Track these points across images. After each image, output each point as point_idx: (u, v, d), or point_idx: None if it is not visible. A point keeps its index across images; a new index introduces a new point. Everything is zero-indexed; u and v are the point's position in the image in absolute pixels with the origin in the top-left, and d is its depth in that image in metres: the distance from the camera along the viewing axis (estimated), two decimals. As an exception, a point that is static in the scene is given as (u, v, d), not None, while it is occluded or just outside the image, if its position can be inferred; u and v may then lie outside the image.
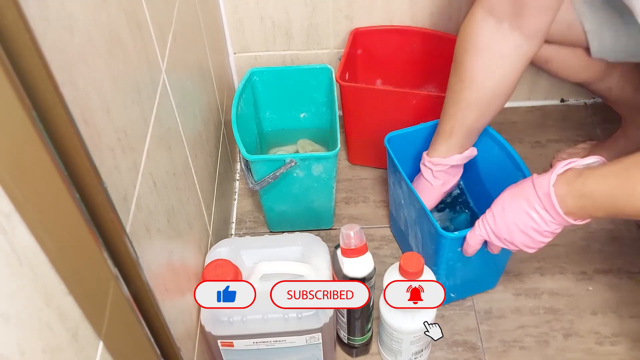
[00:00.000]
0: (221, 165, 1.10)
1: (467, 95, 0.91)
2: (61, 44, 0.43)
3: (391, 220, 1.15)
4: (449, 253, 0.91)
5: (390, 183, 1.06)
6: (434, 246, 0.92)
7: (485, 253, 0.92)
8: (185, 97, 0.83)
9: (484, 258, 0.94)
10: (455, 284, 1.00)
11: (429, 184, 1.00)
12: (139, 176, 0.59)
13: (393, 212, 1.11)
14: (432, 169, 0.99)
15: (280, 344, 0.85)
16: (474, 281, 1.02)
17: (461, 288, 1.02)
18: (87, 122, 0.47)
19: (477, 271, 0.99)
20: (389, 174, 1.06)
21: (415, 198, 0.93)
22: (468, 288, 1.04)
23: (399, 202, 1.04)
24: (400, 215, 1.06)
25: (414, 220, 0.98)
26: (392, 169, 1.01)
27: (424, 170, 1.01)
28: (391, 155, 0.99)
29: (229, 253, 0.88)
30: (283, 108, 1.22)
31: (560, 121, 1.36)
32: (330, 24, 1.23)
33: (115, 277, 0.46)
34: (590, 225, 1.16)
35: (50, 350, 0.38)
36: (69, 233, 0.40)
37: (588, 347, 0.99)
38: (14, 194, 0.35)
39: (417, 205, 0.94)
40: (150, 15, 0.67)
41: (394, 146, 1.00)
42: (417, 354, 0.93)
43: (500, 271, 1.04)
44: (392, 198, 1.09)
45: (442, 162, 0.97)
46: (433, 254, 0.93)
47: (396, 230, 1.13)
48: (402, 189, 0.99)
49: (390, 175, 1.05)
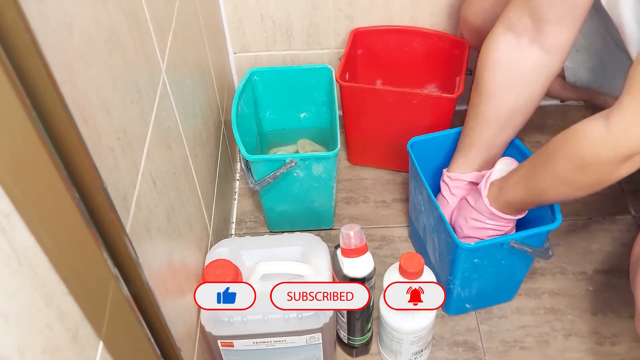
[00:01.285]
0: (221, 165, 1.10)
1: (485, 110, 0.91)
2: (61, 43, 0.43)
3: (410, 226, 1.14)
4: (465, 263, 0.90)
5: (411, 188, 1.05)
6: (450, 256, 0.91)
7: (501, 266, 0.92)
8: (185, 96, 0.83)
9: (500, 270, 0.94)
10: (471, 294, 0.99)
11: (445, 201, 0.99)
12: (139, 176, 0.59)
13: (412, 217, 1.10)
14: (449, 185, 0.98)
15: (280, 344, 0.85)
16: (490, 292, 1.00)
17: (477, 299, 1.01)
18: (87, 122, 0.47)
19: (494, 283, 0.97)
20: (410, 179, 1.04)
21: (435, 206, 0.91)
22: (484, 299, 1.02)
23: (419, 208, 1.02)
24: (420, 221, 1.04)
25: (432, 228, 0.97)
26: (414, 175, 0.99)
27: (442, 186, 1.00)
28: (413, 160, 0.97)
29: (229, 253, 0.88)
30: (283, 108, 1.22)
31: (560, 121, 1.36)
32: (330, 23, 1.23)
33: (115, 277, 0.46)
34: (590, 225, 1.16)
35: (50, 350, 0.38)
36: (69, 233, 0.40)
37: (589, 347, 0.99)
38: (14, 194, 0.35)
39: (435, 213, 0.93)
40: (150, 14, 0.67)
41: (417, 152, 0.98)
42: (417, 354, 0.93)
43: (518, 284, 1.03)
44: (412, 203, 1.07)
45: (460, 178, 0.97)
46: (449, 263, 0.92)
47: (414, 236, 1.12)
48: (423, 196, 0.97)
49: (412, 181, 1.03)
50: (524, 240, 0.87)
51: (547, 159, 0.78)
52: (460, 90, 1.09)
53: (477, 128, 0.93)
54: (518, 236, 0.87)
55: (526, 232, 0.87)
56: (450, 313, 1.03)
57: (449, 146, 1.02)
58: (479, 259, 0.90)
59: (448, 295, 0.98)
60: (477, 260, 0.90)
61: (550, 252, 0.90)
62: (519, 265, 0.97)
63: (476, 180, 0.96)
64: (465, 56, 1.16)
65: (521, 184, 0.83)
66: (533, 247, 0.88)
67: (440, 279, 0.99)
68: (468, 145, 0.95)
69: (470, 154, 0.95)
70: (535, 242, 0.89)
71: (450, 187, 0.98)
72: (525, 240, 0.87)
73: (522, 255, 0.91)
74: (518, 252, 0.89)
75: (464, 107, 1.39)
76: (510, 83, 0.88)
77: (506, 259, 0.91)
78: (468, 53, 1.16)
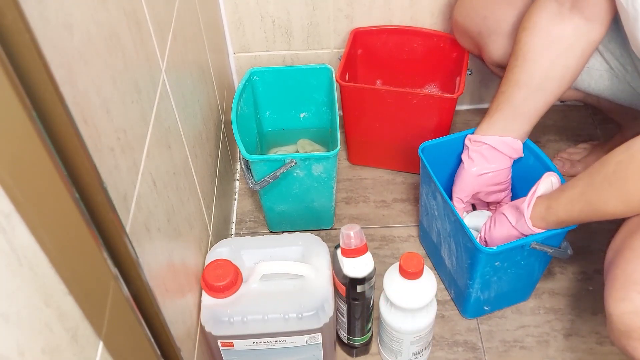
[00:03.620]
0: (221, 165, 1.10)
1: (518, 73, 0.90)
2: (61, 43, 0.43)
3: (421, 231, 1.13)
4: (485, 267, 0.90)
5: (423, 193, 1.03)
6: (469, 260, 0.90)
7: (520, 267, 0.92)
8: (185, 96, 0.83)
9: (519, 271, 0.93)
10: (489, 297, 0.98)
11: (462, 167, 0.97)
12: (139, 176, 0.59)
13: (424, 222, 1.08)
14: (469, 148, 0.96)
15: (280, 344, 0.85)
16: (507, 294, 1.00)
17: (495, 301, 1.00)
18: (87, 122, 0.47)
19: (511, 284, 0.97)
20: (421, 184, 1.03)
21: (451, 210, 0.91)
22: (502, 301, 1.02)
23: (432, 214, 1.01)
24: (433, 226, 1.03)
25: (449, 232, 0.96)
26: (427, 180, 0.98)
27: (463, 152, 0.98)
28: (426, 165, 0.95)
29: (229, 253, 0.88)
30: (283, 108, 1.22)
31: (560, 121, 1.36)
32: (330, 23, 1.23)
33: (115, 277, 0.46)
34: (590, 225, 1.15)
35: (49, 350, 0.38)
36: (69, 233, 0.40)
37: (589, 347, 0.99)
38: (14, 194, 0.35)
39: (452, 218, 0.92)
40: (150, 14, 0.67)
41: (428, 156, 0.96)
42: (417, 354, 0.93)
43: (534, 284, 1.02)
44: (423, 208, 1.06)
45: (480, 140, 0.94)
46: (468, 268, 0.92)
47: (426, 241, 1.11)
48: (437, 201, 0.96)
49: (424, 186, 1.02)
50: (545, 241, 0.87)
51: (611, 176, 0.74)
52: (460, 90, 1.09)
53: (507, 92, 0.91)
54: (539, 237, 0.86)
55: (546, 233, 0.85)
56: (468, 316, 1.02)
57: (459, 150, 1.00)
58: (500, 262, 0.90)
59: (466, 299, 0.98)
60: (498, 263, 0.90)
61: (568, 251, 0.89)
62: (537, 265, 0.96)
63: (496, 145, 0.94)
64: (465, 56, 1.16)
65: (579, 202, 0.79)
66: (553, 247, 0.88)
67: (458, 284, 0.99)
68: (495, 108, 0.93)
69: (495, 117, 0.93)
70: (554, 242, 0.89)
71: (470, 150, 0.96)
72: (545, 241, 0.87)
73: (541, 255, 0.91)
74: (537, 253, 0.88)
75: (464, 107, 1.40)
76: (546, 46, 0.87)
77: (525, 259, 0.91)
78: (468, 53, 1.16)
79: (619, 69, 0.99)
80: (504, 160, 0.96)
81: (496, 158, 0.96)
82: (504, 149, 0.94)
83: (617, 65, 0.99)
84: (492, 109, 0.94)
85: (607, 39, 0.96)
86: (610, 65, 0.99)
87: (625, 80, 1.00)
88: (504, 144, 0.94)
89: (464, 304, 1.00)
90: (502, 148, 0.94)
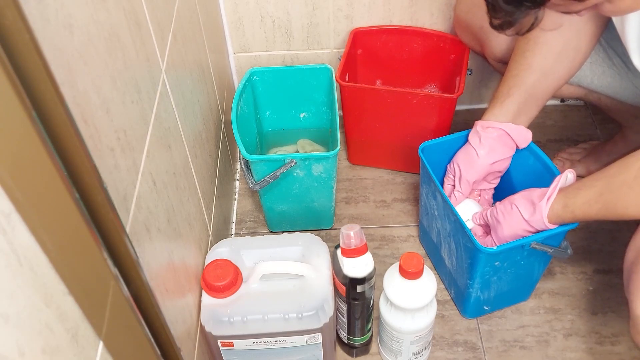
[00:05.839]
0: (221, 165, 1.10)
1: (530, 57, 0.89)
2: (61, 43, 0.43)
3: (420, 231, 1.13)
4: (485, 267, 0.90)
5: (423, 193, 1.03)
6: (469, 260, 0.90)
7: (520, 267, 0.92)
8: (185, 96, 0.83)
9: (519, 271, 0.93)
10: (489, 297, 0.98)
11: (474, 153, 0.95)
12: (139, 176, 0.59)
13: (424, 222, 1.08)
14: (480, 135, 0.94)
15: (280, 344, 0.85)
16: (507, 294, 1.00)
17: (494, 301, 1.00)
18: (87, 122, 0.47)
19: (511, 284, 0.97)
20: (421, 184, 1.03)
21: (451, 210, 0.91)
22: (501, 300, 1.02)
23: (432, 214, 1.01)
24: (433, 226, 1.03)
25: (449, 232, 0.96)
26: (426, 180, 0.98)
27: (471, 137, 0.96)
28: (426, 165, 0.95)
29: (229, 253, 0.88)
30: (283, 108, 1.22)
31: (560, 121, 1.36)
32: (330, 23, 1.23)
33: (115, 277, 0.46)
34: (590, 225, 1.16)
35: (50, 350, 0.38)
36: (69, 233, 0.40)
37: (589, 347, 0.99)
38: (14, 194, 0.35)
39: (452, 218, 0.92)
40: (150, 14, 0.67)
41: (428, 156, 0.96)
42: (417, 354, 0.93)
43: (534, 283, 1.02)
44: (423, 208, 1.06)
45: (494, 126, 0.93)
46: (468, 267, 0.92)
47: (426, 241, 1.11)
48: (437, 201, 0.96)
49: (424, 186, 1.02)
50: (545, 241, 0.87)
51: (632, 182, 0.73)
52: (460, 90, 1.09)
53: (519, 75, 0.91)
54: (539, 237, 0.86)
55: (547, 233, 0.85)
56: (468, 316, 1.02)
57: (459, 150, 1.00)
58: (499, 262, 0.89)
59: (466, 299, 0.98)
60: (498, 262, 0.89)
61: (568, 251, 0.89)
62: (537, 265, 0.96)
63: (511, 132, 0.93)
64: (465, 56, 1.16)
65: (596, 204, 0.78)
66: (553, 247, 0.88)
67: (458, 283, 0.99)
68: (506, 92, 0.92)
69: (507, 102, 0.92)
70: (554, 242, 0.89)
71: (482, 137, 0.94)
72: (545, 241, 0.87)
73: (541, 255, 0.91)
74: (537, 253, 0.88)
75: (464, 107, 1.40)
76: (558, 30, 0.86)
77: (525, 259, 0.91)
78: (468, 53, 1.16)
79: (621, 65, 0.99)
80: (512, 148, 0.96)
81: (507, 145, 0.95)
82: (517, 137, 0.94)
83: (619, 62, 0.99)
84: (501, 93, 0.93)
85: (610, 37, 0.96)
86: (613, 62, 0.99)
87: (628, 77, 1.00)
88: (519, 133, 0.94)
89: (463, 303, 1.00)
90: (515, 136, 0.94)
